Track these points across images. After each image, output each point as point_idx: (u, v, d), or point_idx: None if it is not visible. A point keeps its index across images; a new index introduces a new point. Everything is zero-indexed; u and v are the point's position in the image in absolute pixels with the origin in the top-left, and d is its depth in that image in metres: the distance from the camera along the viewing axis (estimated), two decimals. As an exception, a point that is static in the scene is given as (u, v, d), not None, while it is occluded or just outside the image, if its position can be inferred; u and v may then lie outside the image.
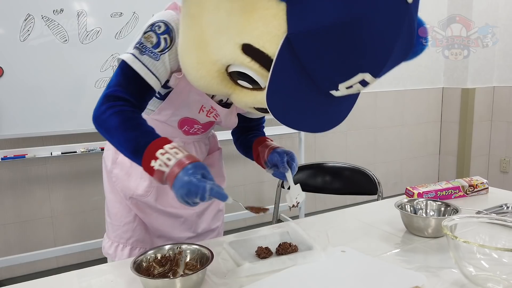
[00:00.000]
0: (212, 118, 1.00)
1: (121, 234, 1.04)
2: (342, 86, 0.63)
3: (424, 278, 0.77)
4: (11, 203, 2.17)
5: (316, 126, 0.73)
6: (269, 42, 0.62)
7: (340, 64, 0.61)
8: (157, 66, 0.82)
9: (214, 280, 0.79)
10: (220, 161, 1.19)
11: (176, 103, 0.93)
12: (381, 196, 1.52)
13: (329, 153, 3.11)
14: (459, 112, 3.42)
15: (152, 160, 0.75)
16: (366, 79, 0.62)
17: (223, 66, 0.71)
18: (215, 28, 0.68)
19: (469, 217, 0.85)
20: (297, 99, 0.66)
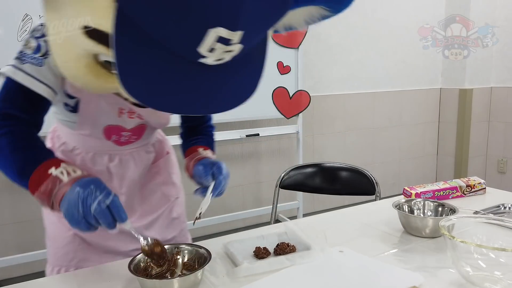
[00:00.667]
0: (136, 118, 0.91)
1: (62, 257, 0.94)
2: (203, 50, 0.54)
3: (422, 278, 0.77)
4: (8, 203, 2.17)
5: (202, 106, 0.62)
6: (102, 17, 0.55)
7: (182, 23, 0.52)
8: (43, 72, 0.74)
9: (212, 280, 0.79)
10: (168, 168, 1.09)
11: (90, 111, 0.85)
12: (379, 197, 1.52)
13: (328, 154, 3.12)
14: (456, 113, 3.43)
15: (52, 167, 0.70)
16: (222, 35, 0.52)
17: (89, 60, 0.65)
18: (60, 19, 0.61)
19: (466, 217, 0.86)
20: (162, 76, 0.57)
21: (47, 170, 0.70)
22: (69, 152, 0.95)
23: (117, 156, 0.96)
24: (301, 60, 2.54)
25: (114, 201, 0.68)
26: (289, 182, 1.65)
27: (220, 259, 0.88)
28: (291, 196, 2.77)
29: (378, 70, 3.24)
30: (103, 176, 0.95)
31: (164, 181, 1.07)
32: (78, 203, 0.66)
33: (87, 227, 0.67)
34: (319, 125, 3.05)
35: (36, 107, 0.77)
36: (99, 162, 0.95)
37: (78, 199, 0.66)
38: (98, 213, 0.66)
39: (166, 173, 1.08)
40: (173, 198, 1.09)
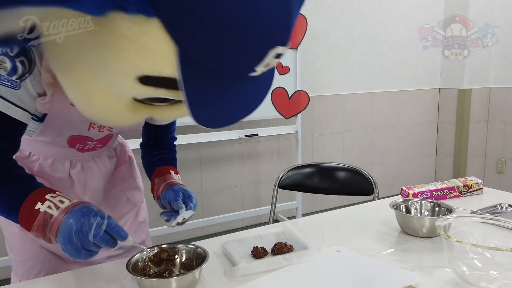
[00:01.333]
0: (107, 131, 0.88)
1: (29, 269, 0.91)
2: (259, 67, 0.58)
3: (418, 277, 0.77)
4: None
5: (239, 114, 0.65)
6: (164, 65, 0.56)
7: (248, 52, 0.55)
8: (20, 95, 0.68)
9: (209, 279, 0.79)
10: (132, 172, 1.08)
11: (57, 125, 0.80)
12: (377, 197, 1.53)
13: (326, 154, 3.12)
14: (455, 113, 3.43)
15: (38, 203, 0.67)
16: (278, 51, 0.57)
17: (129, 100, 0.64)
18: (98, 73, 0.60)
19: (462, 217, 0.86)
20: (219, 100, 0.61)
21: (34, 206, 0.67)
22: (24, 159, 0.90)
23: (78, 163, 0.93)
24: (300, 60, 2.55)
25: (109, 223, 0.67)
26: (288, 182, 1.65)
27: (217, 258, 0.88)
28: (290, 196, 2.77)
29: (377, 71, 3.25)
30: (64, 183, 0.92)
31: (129, 186, 1.06)
32: (73, 236, 0.64)
33: (88, 255, 0.67)
34: (318, 125, 3.06)
35: (13, 133, 0.72)
36: (59, 169, 0.91)
37: (73, 232, 0.65)
38: (98, 240, 0.65)
39: (131, 178, 1.07)
40: (139, 202, 1.08)
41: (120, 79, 0.59)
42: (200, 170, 2.66)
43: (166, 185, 0.89)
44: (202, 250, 0.79)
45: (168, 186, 0.88)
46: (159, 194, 0.89)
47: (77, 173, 0.93)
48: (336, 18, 2.98)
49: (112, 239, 0.67)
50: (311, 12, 2.81)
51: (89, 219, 0.65)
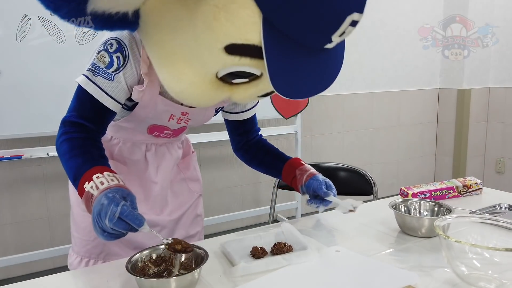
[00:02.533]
0: (183, 124, 0.98)
1: (91, 249, 0.98)
2: (335, 36, 0.62)
3: (417, 277, 0.77)
4: (8, 203, 2.17)
5: (318, 87, 0.70)
6: (250, 32, 0.61)
7: (326, 18, 0.59)
8: (113, 86, 0.80)
9: (209, 279, 0.79)
10: (195, 164, 1.17)
11: (143, 114, 0.91)
12: (376, 197, 1.53)
13: (326, 154, 3.12)
14: (455, 113, 3.44)
15: (86, 182, 0.74)
16: (354, 18, 0.60)
17: (213, 76, 0.70)
18: (190, 47, 0.67)
19: (461, 217, 0.86)
20: (297, 70, 0.65)
21: (83, 185, 0.74)
22: (107, 142, 1.00)
23: (153, 146, 1.02)
24: (299, 60, 2.55)
25: (123, 211, 0.68)
26: (287, 182, 1.66)
27: (217, 258, 0.89)
28: (290, 196, 2.78)
29: (376, 71, 3.25)
30: (140, 165, 1.02)
31: (191, 176, 1.14)
32: (95, 219, 0.69)
33: (110, 237, 0.70)
34: (317, 125, 3.06)
35: (101, 118, 0.83)
36: (137, 152, 1.01)
37: (95, 214, 0.70)
38: (113, 225, 0.68)
39: (193, 169, 1.15)
40: (197, 194, 1.16)
41: (209, 49, 0.65)
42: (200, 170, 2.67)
43: (310, 175, 1.02)
44: (202, 250, 0.79)
45: (312, 176, 1.01)
46: (302, 183, 1.02)
47: (151, 155, 1.02)
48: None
49: (129, 225, 0.69)
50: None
51: (107, 205, 0.68)
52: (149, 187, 1.03)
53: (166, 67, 0.72)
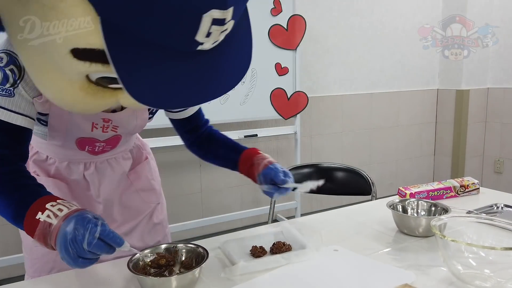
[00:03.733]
0: (111, 132, 0.88)
1: (41, 267, 0.92)
2: (200, 37, 0.53)
3: (414, 276, 0.79)
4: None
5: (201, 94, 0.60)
6: (89, 35, 0.53)
7: (175, 16, 0.50)
8: (16, 102, 0.71)
9: (209, 278, 0.81)
10: (146, 173, 1.07)
11: (61, 127, 0.82)
12: (375, 197, 1.54)
13: (325, 154, 3.14)
14: (453, 113, 3.45)
15: (39, 212, 0.66)
16: (216, 16, 0.52)
17: (82, 81, 0.62)
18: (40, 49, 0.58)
19: (457, 217, 0.88)
20: (163, 76, 0.55)
21: (35, 216, 0.67)
22: (42, 162, 0.94)
23: (92, 164, 0.95)
24: (299, 61, 2.56)
25: (103, 230, 0.65)
26: (287, 183, 1.67)
27: (217, 258, 0.90)
28: (289, 196, 2.79)
29: (375, 71, 3.26)
30: (81, 185, 0.95)
31: (144, 187, 1.06)
32: (68, 245, 0.63)
33: (86, 263, 0.65)
34: (316, 125, 3.07)
35: (17, 140, 0.74)
36: (74, 171, 0.94)
37: (67, 241, 0.63)
38: (93, 247, 0.64)
39: (145, 179, 1.06)
40: (154, 204, 1.08)
41: (57, 54, 0.57)
42: (199, 170, 2.68)
43: (267, 163, 0.98)
44: (202, 249, 0.81)
45: (269, 164, 0.98)
46: (259, 172, 0.98)
47: (90, 175, 0.95)
48: (334, 19, 2.99)
49: (108, 246, 0.66)
50: (310, 13, 2.83)
51: (82, 227, 0.64)
52: (92, 207, 0.97)
53: (30, 73, 0.65)
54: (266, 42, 2.42)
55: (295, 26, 2.50)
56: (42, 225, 0.66)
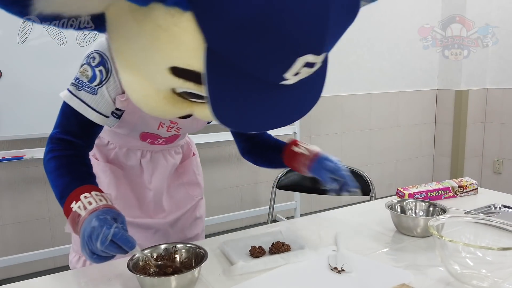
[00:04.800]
0: (173, 132, 0.98)
1: None
2: (289, 75, 0.58)
3: (411, 275, 0.79)
4: (9, 203, 2.19)
5: (274, 122, 0.65)
6: (192, 58, 0.58)
7: (273, 55, 0.55)
8: (97, 100, 0.80)
9: (208, 278, 0.81)
10: (193, 168, 1.16)
11: (131, 122, 0.92)
12: (374, 197, 1.55)
13: (325, 154, 3.14)
14: (453, 114, 3.46)
15: (73, 201, 0.74)
16: (309, 60, 0.56)
17: (168, 92, 0.69)
18: (140, 61, 0.64)
19: (455, 217, 0.88)
20: (246, 102, 0.61)
21: (70, 204, 0.74)
22: (103, 147, 1.03)
23: (149, 153, 1.04)
24: (298, 61, 2.56)
25: (116, 233, 0.68)
26: (286, 183, 1.67)
27: (216, 258, 0.90)
28: (289, 197, 2.79)
29: (374, 72, 3.27)
30: (135, 171, 1.03)
31: (190, 181, 1.14)
32: (85, 241, 0.69)
33: (100, 259, 0.69)
34: (316, 126, 3.08)
35: (87, 132, 0.84)
36: (132, 158, 1.03)
37: (85, 237, 0.69)
38: (105, 248, 0.68)
39: (192, 174, 1.15)
40: (197, 198, 1.17)
41: (155, 67, 0.63)
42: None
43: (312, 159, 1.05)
44: (201, 249, 0.81)
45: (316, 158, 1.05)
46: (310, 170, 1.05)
47: (146, 163, 1.04)
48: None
49: (120, 248, 0.69)
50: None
51: (99, 227, 0.68)
52: (143, 193, 1.05)
53: (123, 76, 0.72)
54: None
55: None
56: (73, 214, 0.73)
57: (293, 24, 0.52)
